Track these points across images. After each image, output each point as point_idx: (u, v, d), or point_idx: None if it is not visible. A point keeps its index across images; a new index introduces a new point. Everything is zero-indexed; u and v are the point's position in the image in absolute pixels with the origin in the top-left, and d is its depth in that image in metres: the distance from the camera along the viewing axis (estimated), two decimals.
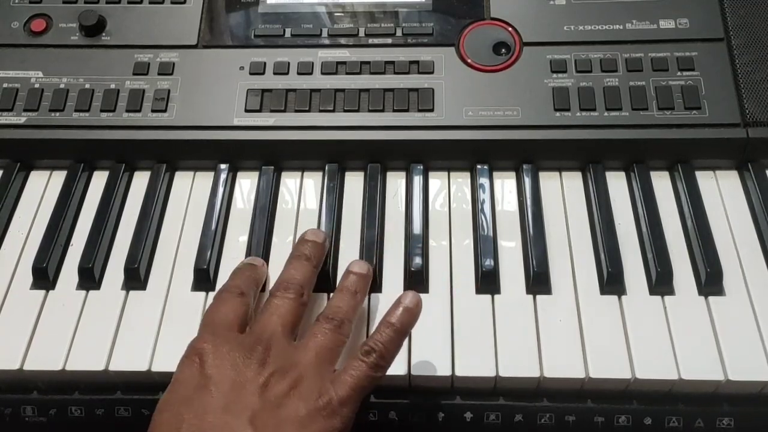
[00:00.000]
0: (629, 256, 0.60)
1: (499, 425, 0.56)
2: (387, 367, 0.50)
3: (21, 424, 0.57)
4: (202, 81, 0.68)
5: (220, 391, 0.47)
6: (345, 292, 0.54)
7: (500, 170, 0.66)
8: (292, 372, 0.48)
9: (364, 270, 0.56)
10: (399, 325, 0.50)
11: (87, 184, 0.67)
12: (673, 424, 0.55)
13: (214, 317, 0.52)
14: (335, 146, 0.66)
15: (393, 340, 0.50)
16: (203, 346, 0.49)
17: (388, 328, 0.50)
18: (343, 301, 0.54)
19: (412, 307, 0.51)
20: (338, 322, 0.52)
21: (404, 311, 0.51)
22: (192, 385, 0.47)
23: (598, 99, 0.65)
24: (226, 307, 0.53)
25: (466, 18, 0.70)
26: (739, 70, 0.66)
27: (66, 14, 0.71)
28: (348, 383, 0.48)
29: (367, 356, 0.49)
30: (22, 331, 0.57)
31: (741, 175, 0.65)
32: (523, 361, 0.54)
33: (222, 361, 0.48)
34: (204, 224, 0.63)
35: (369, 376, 0.49)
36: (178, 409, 0.46)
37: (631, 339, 0.55)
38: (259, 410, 0.46)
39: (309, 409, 0.47)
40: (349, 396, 0.48)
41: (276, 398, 0.47)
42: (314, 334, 0.51)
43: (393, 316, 0.50)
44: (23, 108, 0.67)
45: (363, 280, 0.55)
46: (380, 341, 0.49)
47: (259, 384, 0.47)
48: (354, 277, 0.55)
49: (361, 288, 0.55)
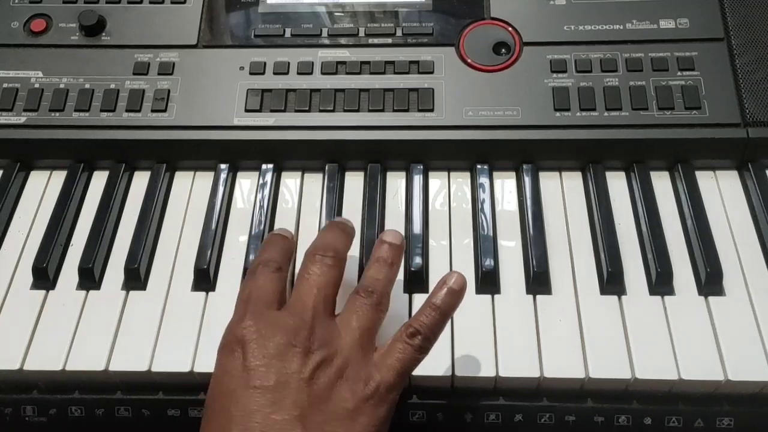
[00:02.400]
0: (629, 256, 0.60)
1: (499, 425, 0.56)
2: (430, 348, 0.49)
3: (21, 424, 0.57)
4: (202, 81, 0.68)
5: (265, 387, 0.45)
6: (381, 263, 0.52)
7: (500, 170, 0.66)
8: (338, 359, 0.47)
9: (398, 240, 0.53)
10: (444, 307, 0.49)
11: (87, 184, 0.67)
12: (673, 424, 0.55)
13: (252, 293, 0.50)
14: (335, 146, 0.66)
15: (437, 322, 0.48)
16: (244, 332, 0.47)
17: (434, 311, 0.48)
18: (380, 273, 0.51)
19: (458, 289, 0.49)
20: (378, 297, 0.50)
21: (449, 292, 0.49)
22: (236, 378, 0.46)
23: (598, 99, 0.65)
24: (264, 283, 0.50)
25: (466, 18, 0.70)
26: (739, 70, 0.66)
27: (66, 14, 0.71)
28: (395, 368, 0.47)
29: (412, 338, 0.48)
30: (22, 331, 0.57)
31: (741, 175, 0.65)
32: (523, 361, 0.54)
33: (265, 350, 0.46)
34: (204, 224, 0.63)
35: (415, 358, 0.48)
36: (226, 405, 0.45)
37: (631, 339, 0.55)
38: (307, 407, 0.45)
39: (357, 400, 0.46)
40: (396, 381, 0.47)
41: (323, 391, 0.45)
42: (355, 311, 0.49)
43: (437, 298, 0.49)
44: (23, 108, 0.67)
45: (398, 251, 0.53)
46: (425, 323, 0.48)
47: (305, 377, 0.45)
48: (387, 246, 0.53)
49: (397, 259, 0.53)
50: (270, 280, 0.51)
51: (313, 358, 0.46)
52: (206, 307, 0.58)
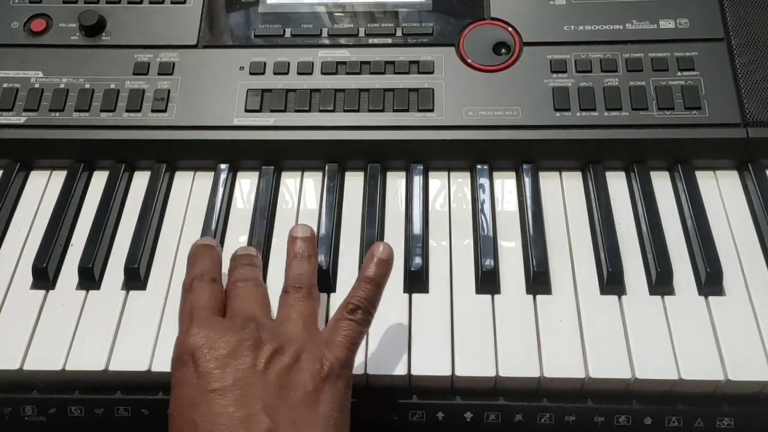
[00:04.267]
0: (629, 256, 0.60)
1: (499, 425, 0.56)
2: (372, 319, 0.51)
3: (21, 424, 0.57)
4: (202, 81, 0.68)
5: (224, 387, 0.45)
6: (300, 258, 0.55)
7: (500, 170, 0.66)
8: (289, 346, 0.48)
9: (308, 233, 0.57)
10: (377, 278, 0.51)
11: (87, 184, 0.67)
12: (673, 424, 0.55)
13: (194, 305, 0.51)
14: (335, 146, 0.66)
15: (374, 294, 0.51)
16: (192, 341, 0.47)
17: (369, 283, 0.51)
18: (302, 267, 0.54)
19: (386, 258, 0.52)
20: (307, 289, 0.53)
21: (378, 263, 0.52)
22: (193, 387, 0.46)
23: (598, 99, 0.65)
24: (202, 294, 0.52)
25: (466, 18, 0.70)
26: (739, 70, 0.66)
27: (66, 14, 0.71)
28: (343, 344, 0.49)
29: (353, 314, 0.50)
30: (22, 331, 0.57)
31: (741, 175, 0.65)
32: (523, 361, 0.54)
33: (217, 351, 0.47)
34: (204, 224, 0.63)
35: (359, 331, 0.50)
36: (189, 415, 0.45)
37: (631, 339, 0.55)
38: (269, 397, 0.45)
39: (316, 381, 0.47)
40: (347, 356, 0.49)
41: (282, 378, 0.46)
42: (291, 305, 0.52)
43: (370, 271, 0.51)
44: (23, 108, 0.67)
45: (310, 243, 0.56)
46: (363, 297, 0.50)
47: (261, 369, 0.46)
48: (300, 241, 0.56)
49: (312, 251, 0.56)
50: (207, 290, 0.52)
51: (266, 349, 0.47)
52: None
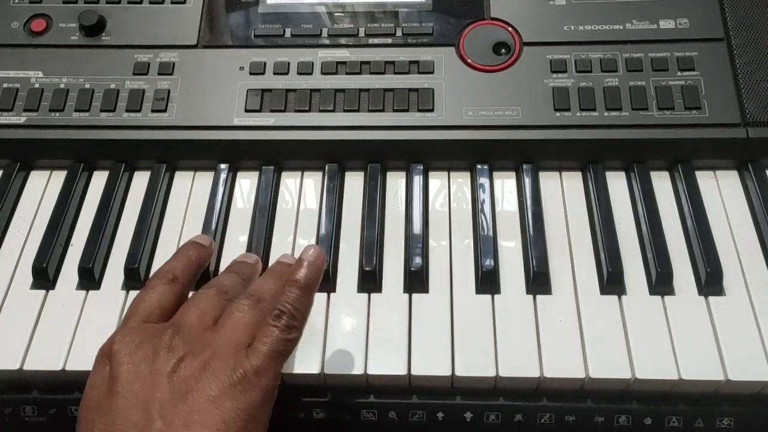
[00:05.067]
0: (629, 256, 0.60)
1: (499, 425, 0.56)
2: (300, 327, 0.48)
3: (21, 424, 0.57)
4: (202, 81, 0.68)
5: (127, 390, 0.45)
6: (270, 275, 0.53)
7: (500, 170, 0.66)
8: (204, 353, 0.46)
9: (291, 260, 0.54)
10: (304, 282, 0.48)
11: (87, 184, 0.67)
12: (673, 424, 0.55)
13: (136, 308, 0.50)
14: (335, 146, 0.66)
15: (300, 299, 0.48)
16: (112, 346, 0.47)
17: (294, 287, 0.48)
18: (266, 282, 0.52)
19: (314, 260, 0.48)
20: (257, 298, 0.49)
21: (308, 266, 0.48)
22: (102, 389, 0.46)
23: (598, 99, 0.65)
24: (151, 296, 0.50)
25: (466, 18, 0.70)
26: (739, 70, 0.66)
27: (66, 14, 0.71)
28: (262, 351, 0.46)
29: (277, 320, 0.47)
30: (22, 331, 0.57)
31: (741, 175, 0.65)
32: (523, 361, 0.54)
33: (131, 357, 0.46)
34: (204, 224, 0.63)
35: (283, 339, 0.47)
36: (92, 416, 0.45)
37: (631, 339, 0.55)
38: (167, 400, 0.44)
39: (221, 386, 0.45)
40: (265, 364, 0.46)
41: (186, 383, 0.45)
42: (231, 312, 0.49)
43: (297, 274, 0.48)
44: (23, 108, 0.67)
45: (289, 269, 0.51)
46: (287, 302, 0.47)
47: (167, 372, 0.45)
48: (281, 265, 0.54)
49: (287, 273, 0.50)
50: (159, 292, 0.51)
51: (176, 354, 0.46)
52: None
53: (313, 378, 0.55)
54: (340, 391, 0.57)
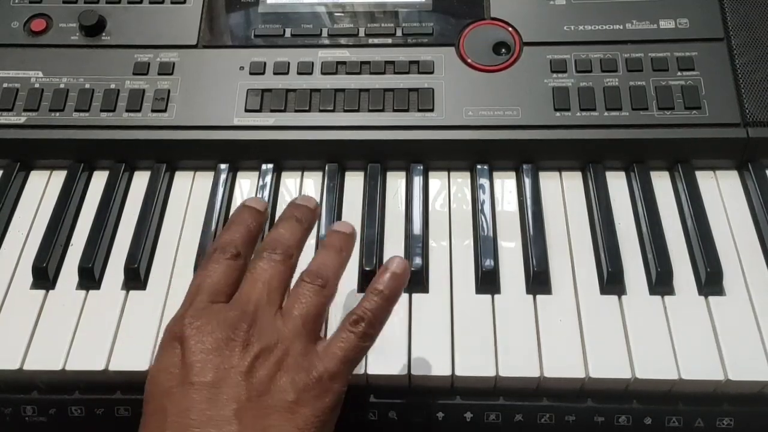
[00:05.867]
0: (629, 256, 0.60)
1: (499, 425, 0.56)
2: (376, 335, 0.48)
3: (21, 424, 0.57)
4: (202, 81, 0.68)
5: (202, 383, 0.44)
6: (330, 249, 0.50)
7: (500, 170, 0.66)
8: (278, 349, 0.45)
9: (348, 229, 0.52)
10: (387, 292, 0.48)
11: (87, 184, 0.67)
12: (673, 424, 0.55)
13: (201, 285, 0.48)
14: (335, 146, 0.66)
15: (381, 308, 0.47)
16: (184, 329, 0.46)
17: (376, 295, 0.47)
18: (328, 258, 0.50)
19: (400, 273, 0.48)
20: (323, 282, 0.48)
21: (392, 277, 0.48)
22: (174, 375, 0.45)
23: (598, 99, 0.65)
24: (216, 271, 0.49)
25: (466, 18, 0.70)
26: (739, 70, 0.66)
27: (66, 14, 0.71)
28: (338, 356, 0.46)
29: (355, 326, 0.46)
30: (22, 331, 0.57)
31: (741, 175, 0.65)
32: (523, 361, 0.54)
33: (203, 345, 0.45)
34: (204, 224, 0.63)
35: (358, 346, 0.46)
36: (162, 403, 0.44)
37: (631, 339, 0.55)
38: (244, 401, 0.44)
39: (298, 391, 0.44)
40: (339, 370, 0.46)
41: (262, 384, 0.44)
42: (298, 299, 0.48)
43: (380, 283, 0.48)
44: (23, 108, 0.67)
45: (348, 239, 0.51)
46: (369, 309, 0.47)
47: (243, 371, 0.44)
48: (338, 234, 0.51)
49: (346, 246, 0.51)
50: (223, 268, 0.49)
51: (252, 351, 0.45)
52: None
53: None
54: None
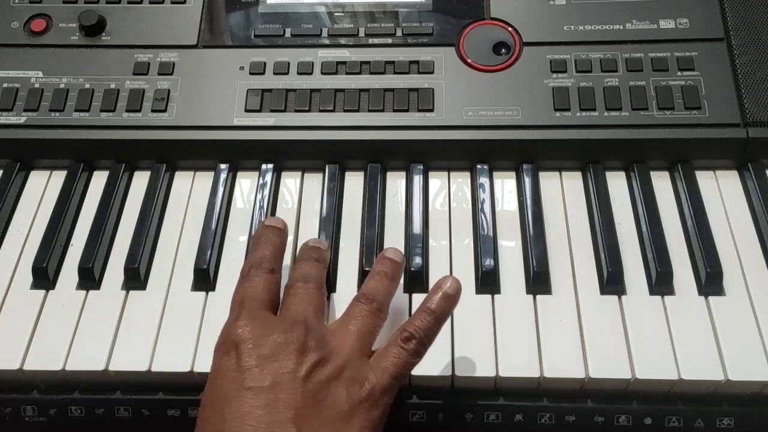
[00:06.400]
0: (629, 256, 0.60)
1: (499, 425, 0.56)
2: (425, 352, 0.49)
3: (21, 424, 0.57)
4: (202, 81, 0.68)
5: (260, 388, 0.44)
6: (382, 276, 0.53)
7: (500, 170, 0.66)
8: (334, 360, 0.47)
9: (399, 258, 0.54)
10: (439, 312, 0.49)
11: (87, 184, 0.67)
12: (673, 424, 0.55)
13: (247, 294, 0.50)
14: (335, 146, 0.66)
15: (432, 327, 0.49)
16: (239, 332, 0.47)
17: (429, 315, 0.49)
18: (381, 284, 0.52)
19: (452, 294, 0.50)
20: (378, 305, 0.50)
21: (443, 297, 0.50)
22: (231, 380, 0.45)
23: (598, 99, 0.65)
24: (258, 284, 0.51)
25: (466, 18, 0.70)
26: (739, 70, 0.66)
27: (66, 14, 0.71)
28: (389, 371, 0.47)
29: (407, 343, 0.48)
30: (22, 331, 0.57)
31: (741, 175, 0.65)
32: (523, 361, 0.54)
33: (260, 349, 0.46)
34: (204, 224, 0.63)
35: (408, 362, 0.48)
36: (220, 408, 0.45)
37: (631, 339, 0.55)
38: (301, 408, 0.44)
39: (352, 403, 0.45)
40: (390, 384, 0.47)
41: (318, 392, 0.45)
42: (354, 316, 0.50)
43: (432, 302, 0.49)
44: (23, 108, 0.67)
45: (398, 268, 0.54)
46: (420, 327, 0.48)
47: (301, 377, 0.45)
48: (389, 261, 0.54)
49: (397, 275, 0.54)
50: (263, 281, 0.51)
51: (310, 357, 0.46)
52: (206, 307, 0.58)
53: None
54: None
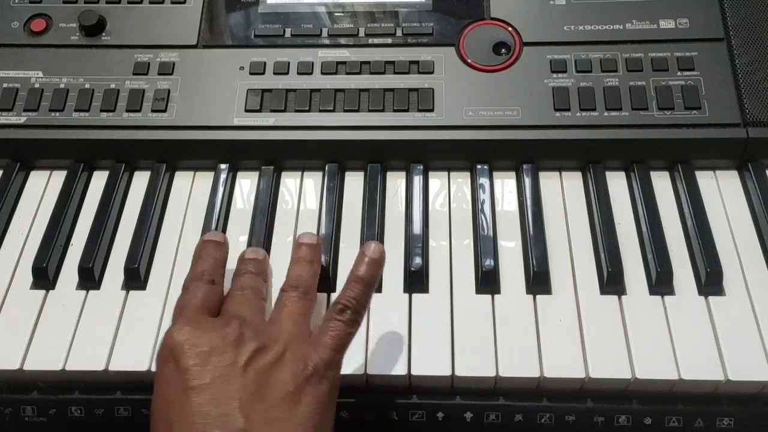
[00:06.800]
0: (629, 256, 0.60)
1: (499, 425, 0.56)
2: (361, 320, 0.50)
3: (21, 424, 0.57)
4: (202, 81, 0.68)
5: (202, 386, 0.44)
6: (302, 262, 0.54)
7: (500, 170, 0.66)
8: (273, 345, 0.47)
9: (314, 240, 0.56)
10: (367, 278, 0.50)
11: (87, 184, 0.67)
12: (673, 424, 0.55)
13: (185, 303, 0.51)
14: (335, 146, 0.66)
15: (363, 294, 0.50)
16: (175, 338, 0.47)
17: (358, 283, 0.50)
18: (302, 269, 0.54)
19: (377, 258, 0.51)
20: (304, 289, 0.52)
21: (370, 263, 0.51)
22: (172, 385, 0.45)
23: (598, 99, 0.65)
24: (197, 293, 0.51)
25: (466, 18, 0.70)
26: (739, 70, 0.66)
27: (66, 14, 0.71)
28: (329, 344, 0.48)
29: (342, 314, 0.49)
30: (22, 331, 0.57)
31: (741, 175, 0.65)
32: (523, 361, 0.54)
33: (198, 348, 0.46)
34: (204, 224, 0.63)
35: (347, 332, 0.49)
36: (167, 414, 0.45)
37: (631, 339, 0.55)
38: (246, 396, 0.44)
39: (297, 382, 0.46)
40: (332, 357, 0.48)
41: (262, 377, 0.45)
42: (283, 305, 0.51)
43: (360, 270, 0.51)
44: (23, 108, 0.67)
45: (315, 250, 0.55)
46: (352, 297, 0.50)
47: (241, 366, 0.45)
48: (306, 247, 0.55)
49: (316, 257, 0.55)
50: (202, 291, 0.52)
51: (248, 347, 0.46)
52: None
53: None
54: (340, 392, 0.57)
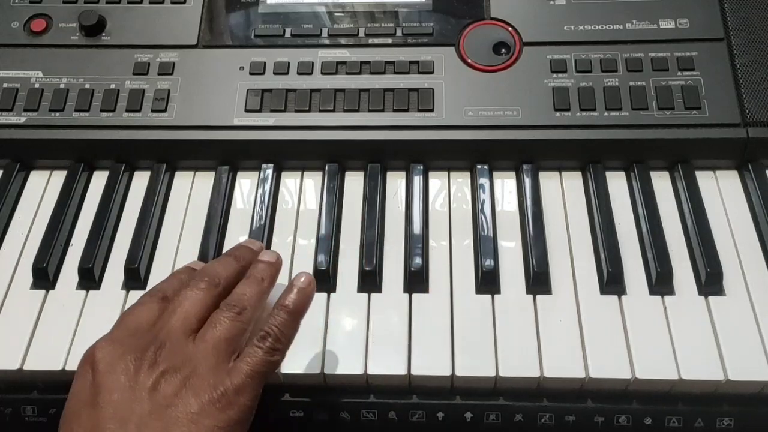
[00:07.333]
0: (629, 256, 0.60)
1: (499, 425, 0.56)
2: (284, 349, 0.49)
3: (21, 424, 0.57)
4: (202, 81, 0.68)
5: (107, 402, 0.45)
6: (251, 279, 0.52)
7: (500, 170, 0.66)
8: (185, 368, 0.46)
9: (273, 258, 0.54)
10: (293, 307, 0.49)
11: (87, 184, 0.67)
12: (673, 424, 0.55)
13: (125, 318, 0.50)
14: (335, 146, 0.66)
15: (287, 323, 0.49)
16: (96, 354, 0.47)
17: (282, 311, 0.49)
18: (249, 288, 0.51)
19: (305, 287, 0.50)
20: (239, 310, 0.49)
21: (298, 292, 0.50)
22: (83, 398, 0.46)
23: (598, 99, 0.65)
24: (140, 311, 0.50)
25: (466, 18, 0.70)
26: (739, 70, 0.66)
27: (66, 14, 0.71)
28: (244, 370, 0.47)
29: (262, 341, 0.48)
30: (22, 331, 0.57)
31: (741, 175, 0.65)
32: (523, 361, 0.55)
33: (113, 367, 0.46)
34: (204, 224, 0.63)
35: (265, 361, 0.48)
36: (71, 425, 0.45)
37: (631, 339, 0.55)
38: (146, 414, 0.44)
39: (201, 404, 0.45)
40: (245, 383, 0.46)
41: (165, 398, 0.45)
42: (213, 325, 0.49)
43: (287, 299, 0.49)
44: (23, 108, 0.67)
45: (272, 268, 0.53)
46: (275, 325, 0.48)
47: (147, 387, 0.45)
48: (263, 265, 0.53)
49: (269, 276, 0.53)
50: (148, 309, 0.51)
51: (158, 369, 0.46)
52: None
53: (313, 378, 0.55)
54: (340, 391, 0.57)
